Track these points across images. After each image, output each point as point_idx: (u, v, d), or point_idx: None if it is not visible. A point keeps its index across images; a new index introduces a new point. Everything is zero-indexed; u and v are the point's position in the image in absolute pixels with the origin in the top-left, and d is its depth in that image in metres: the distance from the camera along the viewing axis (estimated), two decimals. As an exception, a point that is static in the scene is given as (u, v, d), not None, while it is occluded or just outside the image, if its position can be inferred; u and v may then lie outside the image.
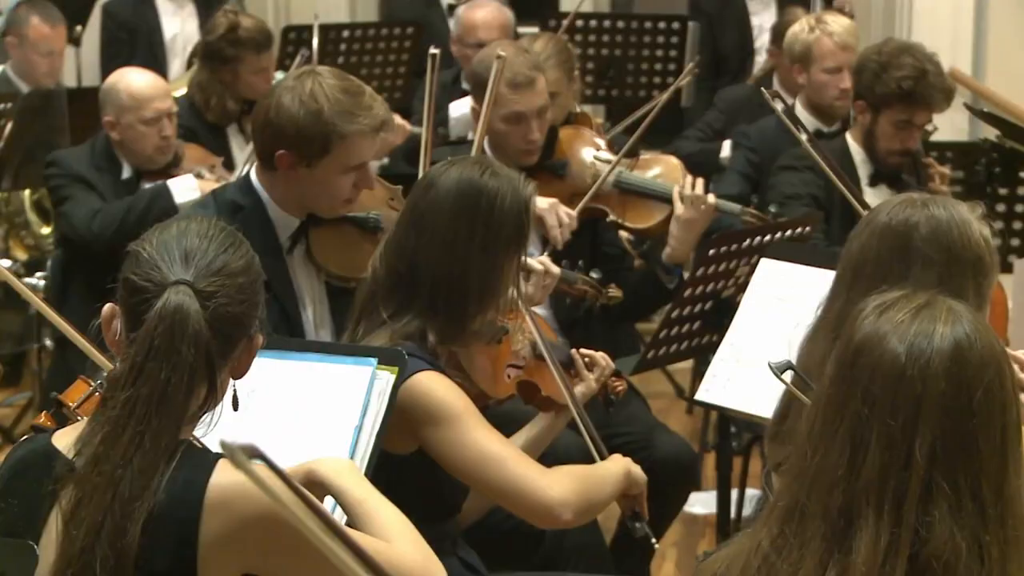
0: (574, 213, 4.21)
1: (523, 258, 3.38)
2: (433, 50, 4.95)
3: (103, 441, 2.26)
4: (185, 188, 5.05)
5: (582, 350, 3.58)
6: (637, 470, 3.26)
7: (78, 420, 2.50)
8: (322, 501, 2.38)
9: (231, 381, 2.42)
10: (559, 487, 3.02)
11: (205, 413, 2.38)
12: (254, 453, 1.61)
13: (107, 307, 2.42)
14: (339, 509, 2.49)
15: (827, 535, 1.96)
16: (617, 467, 3.29)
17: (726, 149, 5.83)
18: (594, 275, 4.41)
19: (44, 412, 3.00)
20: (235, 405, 2.44)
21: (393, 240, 3.25)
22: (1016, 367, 3.15)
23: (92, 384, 2.84)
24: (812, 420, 2.03)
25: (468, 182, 3.21)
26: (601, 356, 3.54)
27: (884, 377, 1.96)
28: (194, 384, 2.30)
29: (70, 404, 2.94)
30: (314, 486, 2.41)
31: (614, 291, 4.38)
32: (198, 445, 2.35)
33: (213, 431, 2.43)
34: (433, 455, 3.01)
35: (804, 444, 2.02)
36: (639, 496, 3.25)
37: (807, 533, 1.97)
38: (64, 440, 2.36)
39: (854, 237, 2.92)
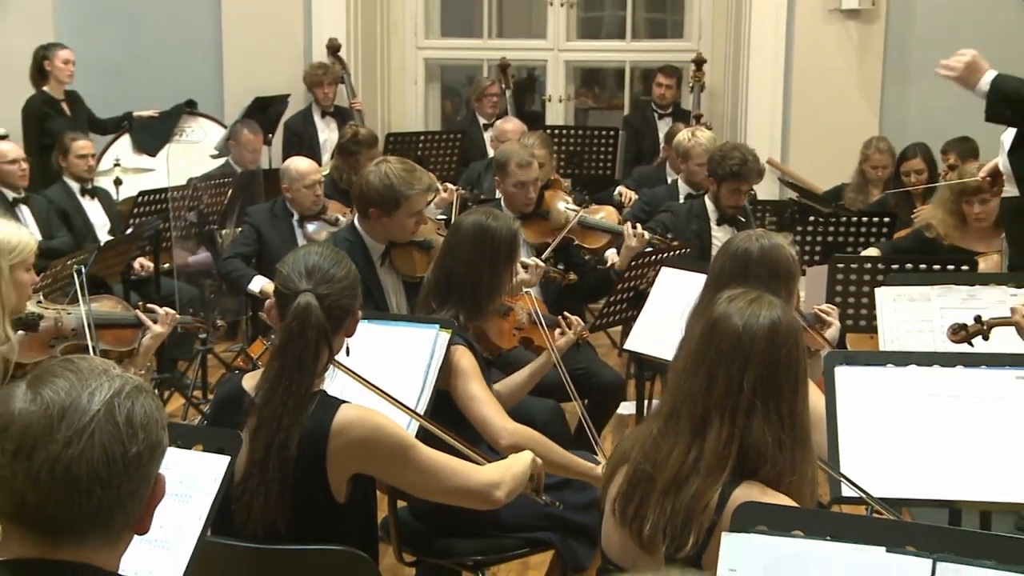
0: (542, 264, 4.13)
1: (516, 267, 3.26)
2: (461, 190, 5.25)
3: (269, 390, 2.21)
4: (258, 282, 4.92)
5: (565, 314, 3.47)
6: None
7: (259, 366, 2.42)
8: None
9: (345, 339, 2.35)
10: (508, 423, 2.86)
11: (329, 365, 2.30)
12: None
13: (268, 302, 2.40)
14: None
15: (692, 430, 1.94)
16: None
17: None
18: (560, 267, 4.39)
19: (239, 357, 2.94)
20: (347, 352, 2.37)
21: (437, 262, 3.19)
22: (826, 314, 3.09)
23: (266, 343, 2.78)
24: (685, 360, 2.00)
25: (480, 224, 3.12)
26: (575, 318, 3.45)
27: (728, 340, 1.93)
28: (319, 352, 2.24)
29: (253, 355, 2.90)
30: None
31: (572, 276, 4.36)
32: (330, 395, 2.27)
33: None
34: (451, 390, 2.92)
35: (679, 374, 1.99)
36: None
37: (680, 427, 1.95)
38: (250, 382, 2.32)
39: (717, 257, 2.87)
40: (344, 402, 2.24)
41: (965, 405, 2.31)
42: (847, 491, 2.21)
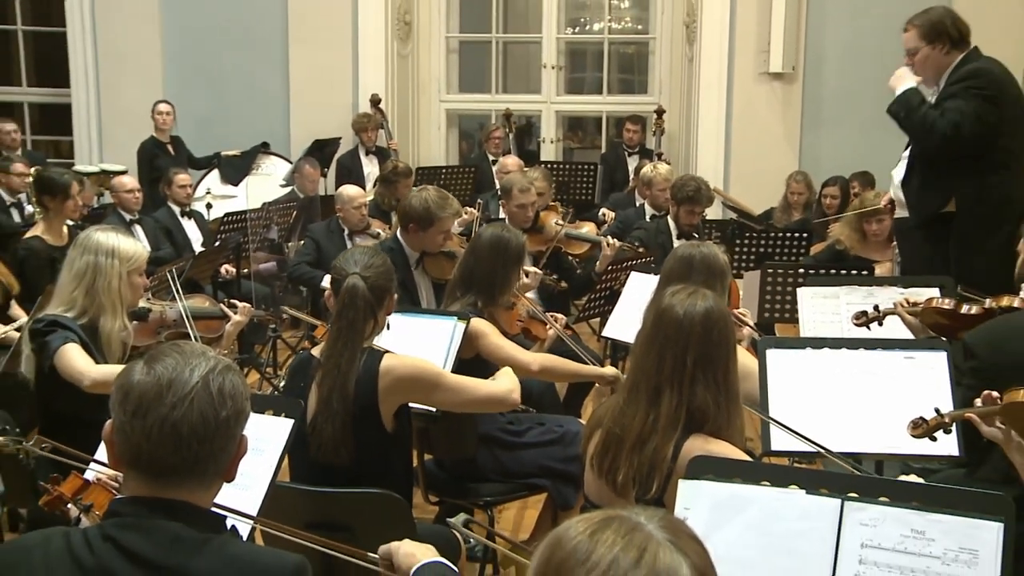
0: (540, 272, 4.07)
1: (522, 269, 3.25)
2: (480, 200, 5.15)
3: (330, 347, 2.26)
4: (328, 279, 4.89)
5: (551, 313, 3.46)
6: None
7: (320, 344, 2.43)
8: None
9: (386, 317, 2.36)
10: (532, 357, 2.89)
11: (376, 334, 2.32)
12: (466, 521, 1.64)
13: (327, 292, 2.42)
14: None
15: (649, 399, 1.90)
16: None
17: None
18: (554, 276, 4.31)
19: (307, 341, 2.92)
20: (388, 327, 2.37)
21: (462, 261, 3.16)
22: (743, 317, 3.05)
23: (327, 328, 2.77)
24: (640, 345, 1.96)
25: (496, 235, 3.09)
26: (561, 316, 3.43)
27: (673, 326, 1.89)
28: (366, 320, 2.27)
29: (317, 336, 2.89)
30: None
31: (564, 284, 4.32)
32: (376, 348, 2.28)
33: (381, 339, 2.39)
34: (479, 350, 2.91)
35: (637, 356, 1.96)
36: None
37: (640, 397, 1.91)
38: (317, 351, 2.36)
39: (667, 261, 2.86)
40: (387, 352, 2.28)
41: (866, 379, 2.31)
42: (777, 445, 2.22)
